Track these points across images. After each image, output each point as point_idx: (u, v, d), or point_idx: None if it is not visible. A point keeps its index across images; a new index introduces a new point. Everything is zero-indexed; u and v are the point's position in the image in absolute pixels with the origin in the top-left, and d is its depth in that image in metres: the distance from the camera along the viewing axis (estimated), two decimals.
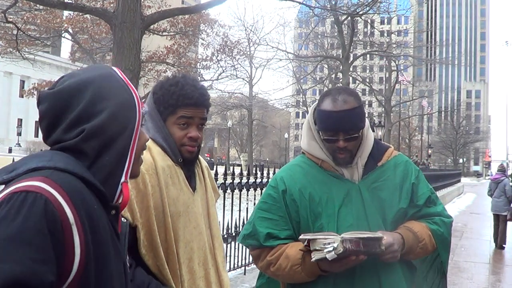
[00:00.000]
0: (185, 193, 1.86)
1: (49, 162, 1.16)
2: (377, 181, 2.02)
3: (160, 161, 1.83)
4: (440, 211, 2.10)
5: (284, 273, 1.96)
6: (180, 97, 1.83)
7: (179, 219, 1.82)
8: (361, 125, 1.97)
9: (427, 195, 2.08)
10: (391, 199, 2.01)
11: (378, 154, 2.08)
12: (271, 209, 2.03)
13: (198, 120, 1.87)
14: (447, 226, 2.09)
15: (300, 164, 2.11)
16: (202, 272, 1.87)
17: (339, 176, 2.02)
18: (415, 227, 1.99)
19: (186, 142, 1.86)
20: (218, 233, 2.01)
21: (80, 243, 1.10)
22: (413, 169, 2.11)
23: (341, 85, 24.80)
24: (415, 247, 1.96)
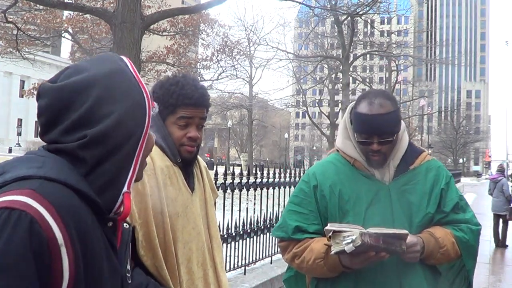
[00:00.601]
0: (183, 193, 1.86)
1: (39, 169, 1.03)
2: (407, 184, 2.04)
3: (159, 162, 1.82)
4: (469, 218, 2.09)
5: (307, 266, 2.00)
6: (180, 96, 1.82)
7: (178, 220, 1.81)
8: (396, 129, 1.99)
9: (455, 201, 2.08)
10: (420, 203, 2.02)
11: (411, 157, 2.09)
12: (302, 203, 2.08)
13: (197, 120, 1.86)
14: (474, 234, 2.07)
15: (333, 161, 2.15)
16: (201, 273, 1.86)
17: (370, 176, 2.05)
18: (438, 233, 2.00)
19: (185, 142, 1.85)
20: (217, 234, 2.00)
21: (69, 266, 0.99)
22: (445, 175, 2.11)
23: (341, 85, 24.85)
24: (435, 252, 1.97)
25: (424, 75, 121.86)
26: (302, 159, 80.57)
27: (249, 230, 4.71)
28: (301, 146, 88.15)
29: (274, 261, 5.23)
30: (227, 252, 4.39)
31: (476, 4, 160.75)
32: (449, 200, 2.06)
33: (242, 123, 53.95)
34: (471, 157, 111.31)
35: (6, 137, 57.83)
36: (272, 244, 5.27)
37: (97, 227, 1.07)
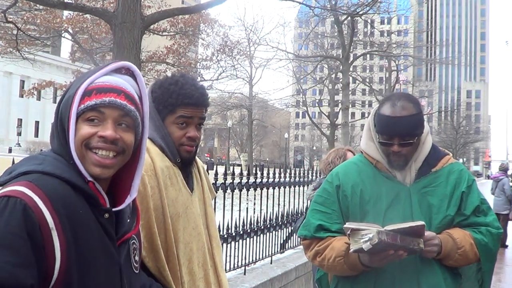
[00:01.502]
0: (183, 194, 1.85)
1: (39, 166, 1.19)
2: (428, 186, 2.06)
3: (159, 162, 1.81)
4: (489, 221, 2.09)
5: (328, 264, 2.05)
6: (180, 96, 1.81)
7: (179, 220, 1.81)
8: (418, 132, 2.03)
9: (476, 204, 2.08)
10: (440, 205, 2.04)
11: (433, 160, 2.11)
12: (325, 202, 2.14)
13: (197, 120, 1.86)
14: (493, 237, 2.07)
15: (356, 162, 2.20)
16: (202, 273, 1.86)
17: (392, 177, 2.08)
18: (456, 234, 2.01)
19: (184, 141, 1.84)
20: (216, 233, 2.00)
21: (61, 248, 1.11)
22: (467, 178, 2.12)
23: (341, 85, 24.84)
24: (453, 253, 1.98)
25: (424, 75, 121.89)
26: (302, 159, 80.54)
27: (249, 230, 4.71)
28: (301, 146, 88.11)
29: (274, 261, 5.23)
30: (227, 252, 4.39)
31: (476, 4, 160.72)
32: (469, 203, 2.07)
33: (242, 123, 53.95)
34: (471, 157, 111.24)
35: (6, 137, 57.81)
36: (272, 244, 5.27)
37: (92, 217, 1.20)
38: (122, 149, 1.26)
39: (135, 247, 1.38)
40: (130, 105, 1.28)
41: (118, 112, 1.26)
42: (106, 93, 1.25)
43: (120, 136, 1.26)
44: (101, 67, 1.32)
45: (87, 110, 1.24)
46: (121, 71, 1.33)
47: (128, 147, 1.28)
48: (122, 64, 1.34)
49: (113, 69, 1.32)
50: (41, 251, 1.09)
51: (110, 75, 1.31)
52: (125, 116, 1.27)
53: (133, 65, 1.36)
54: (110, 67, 1.31)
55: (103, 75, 1.29)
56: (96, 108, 1.24)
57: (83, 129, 1.24)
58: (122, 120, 1.27)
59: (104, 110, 1.25)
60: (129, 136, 1.28)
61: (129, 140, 1.28)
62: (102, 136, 1.23)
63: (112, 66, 1.32)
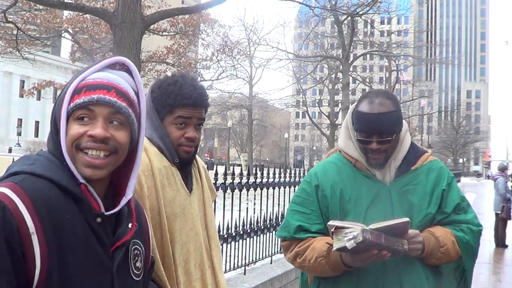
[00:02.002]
0: (181, 194, 1.84)
1: (29, 166, 1.15)
2: (408, 184, 2.04)
3: (157, 162, 1.80)
4: (470, 219, 2.08)
5: (309, 265, 2.01)
6: (178, 96, 1.80)
7: (176, 221, 1.80)
8: (396, 129, 1.99)
9: (456, 202, 2.07)
10: (421, 203, 2.02)
11: (413, 158, 2.09)
12: (304, 203, 2.09)
13: (196, 120, 1.85)
14: (474, 235, 2.06)
15: (335, 162, 2.15)
16: (199, 274, 1.85)
17: (371, 176, 2.05)
18: (438, 232, 2.00)
19: (183, 142, 1.83)
20: (215, 234, 1.98)
21: (41, 253, 1.06)
22: (446, 176, 2.11)
23: (341, 85, 24.84)
24: (436, 251, 1.97)
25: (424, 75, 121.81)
26: (302, 159, 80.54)
27: (249, 230, 4.71)
28: (301, 146, 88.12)
29: (274, 261, 5.23)
30: (227, 252, 4.39)
31: (476, 4, 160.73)
32: (450, 201, 2.06)
33: (242, 123, 53.95)
34: (471, 157, 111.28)
35: (6, 137, 57.82)
36: (272, 244, 5.27)
37: (81, 222, 1.14)
38: (114, 148, 1.20)
39: (137, 253, 1.32)
40: (121, 101, 1.21)
41: (108, 110, 1.19)
42: (96, 90, 1.19)
43: (111, 134, 1.19)
44: (95, 63, 1.27)
45: (77, 108, 1.19)
46: (115, 66, 1.28)
47: (121, 145, 1.21)
48: (117, 60, 1.28)
49: (106, 64, 1.26)
50: (19, 256, 1.04)
51: (104, 71, 1.25)
52: (117, 113, 1.20)
53: (128, 60, 1.30)
54: (104, 63, 1.26)
55: (95, 72, 1.24)
56: (85, 106, 1.18)
57: (72, 129, 1.18)
58: (114, 118, 1.20)
59: (93, 108, 1.19)
60: (121, 134, 1.21)
61: (121, 138, 1.21)
62: (92, 136, 1.17)
63: (106, 62, 1.26)
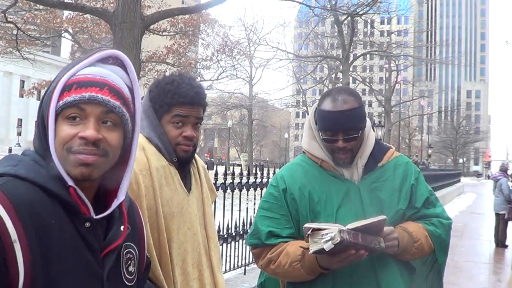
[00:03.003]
0: (179, 193, 1.84)
1: (13, 168, 1.09)
2: (376, 181, 2.01)
3: (154, 162, 1.80)
4: (439, 212, 2.08)
5: (283, 271, 1.95)
6: (175, 95, 1.80)
7: (173, 220, 1.79)
8: (361, 125, 1.96)
9: (425, 196, 2.07)
10: (390, 200, 2.00)
11: (378, 155, 2.07)
12: (273, 207, 2.04)
13: (193, 119, 1.84)
14: (445, 228, 2.07)
15: (300, 163, 2.11)
16: (196, 274, 1.84)
17: (339, 175, 2.02)
18: (411, 228, 1.98)
19: (181, 141, 1.83)
20: (214, 234, 1.97)
21: (25, 261, 1.01)
22: (413, 171, 2.10)
23: (341, 85, 24.83)
24: (410, 247, 1.95)
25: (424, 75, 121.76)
26: None
27: (249, 230, 4.70)
28: (301, 146, 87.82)
29: None
30: (227, 252, 4.39)
31: (476, 4, 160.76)
32: (419, 195, 2.05)
33: (242, 123, 53.96)
34: (471, 157, 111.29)
35: (6, 137, 57.82)
36: None
37: (68, 227, 1.08)
38: (105, 151, 1.12)
39: (130, 257, 1.26)
40: (114, 100, 1.13)
41: (100, 109, 1.11)
42: (87, 87, 1.11)
43: (104, 136, 1.11)
44: (86, 56, 1.17)
45: (66, 107, 1.11)
46: (108, 60, 1.19)
47: (112, 148, 1.13)
48: (110, 53, 1.19)
49: (98, 58, 1.17)
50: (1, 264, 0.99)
51: (95, 65, 1.16)
52: (110, 113, 1.12)
53: (122, 53, 1.21)
54: (96, 57, 1.17)
55: (86, 66, 1.15)
56: (76, 104, 1.10)
57: (63, 130, 1.11)
58: (107, 118, 1.12)
59: (84, 107, 1.10)
60: (114, 136, 1.14)
61: (114, 140, 1.14)
62: (83, 137, 1.09)
63: (98, 56, 1.17)
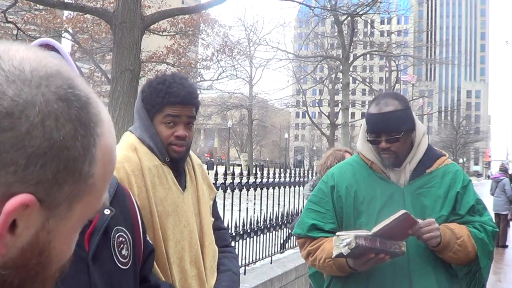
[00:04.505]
0: (173, 192, 1.84)
1: None
2: (422, 187, 2.07)
3: (146, 162, 1.81)
4: (485, 221, 2.09)
5: (319, 264, 2.10)
6: (166, 95, 1.80)
7: (168, 219, 1.80)
8: (403, 127, 2.03)
9: (471, 204, 2.09)
10: (433, 206, 2.05)
11: (429, 161, 2.12)
12: (320, 202, 2.17)
13: (185, 119, 1.84)
14: (488, 234, 2.07)
15: (352, 163, 2.23)
16: (194, 271, 1.83)
17: (386, 178, 2.10)
18: (453, 225, 2.02)
19: (173, 141, 1.83)
20: (209, 231, 1.95)
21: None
22: (462, 179, 2.13)
23: (341, 85, 24.85)
24: (452, 243, 1.97)
25: (424, 75, 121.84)
26: (302, 159, 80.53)
27: (249, 230, 4.71)
28: (301, 146, 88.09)
29: (274, 261, 5.23)
30: None
31: (476, 4, 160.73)
32: (465, 203, 2.08)
33: (242, 123, 53.96)
34: (471, 157, 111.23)
35: None
36: (272, 244, 5.27)
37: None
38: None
39: (122, 240, 1.30)
40: None
41: None
42: None
43: None
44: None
45: None
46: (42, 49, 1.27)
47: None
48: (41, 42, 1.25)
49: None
50: None
51: None
52: None
53: (52, 40, 1.27)
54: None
55: None
56: None
57: None
58: None
59: None
60: None
61: None
62: None
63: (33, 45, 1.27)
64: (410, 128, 2.07)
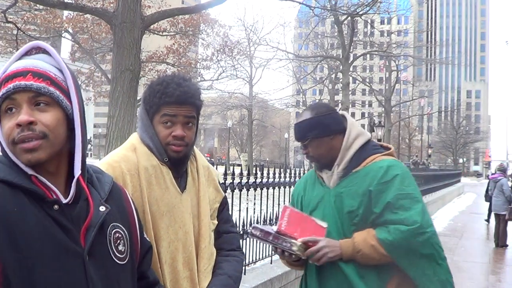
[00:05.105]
0: (170, 192, 1.83)
1: None
2: (345, 187, 2.18)
3: (144, 161, 1.82)
4: (404, 218, 2.06)
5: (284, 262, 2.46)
6: (163, 95, 1.82)
7: (162, 219, 1.79)
8: (308, 134, 2.22)
9: (387, 201, 2.08)
10: (352, 205, 2.14)
11: (357, 162, 2.20)
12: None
13: (182, 119, 1.84)
14: (402, 234, 2.05)
15: (311, 171, 2.46)
16: (187, 272, 1.82)
17: (321, 181, 2.29)
18: (358, 237, 2.12)
19: (170, 141, 1.83)
20: (206, 234, 1.92)
21: None
22: (381, 175, 2.13)
23: (341, 84, 24.85)
24: (355, 255, 2.10)
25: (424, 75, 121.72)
26: (302, 159, 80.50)
27: (249, 230, 4.71)
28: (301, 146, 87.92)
29: (274, 261, 5.23)
30: None
31: (476, 4, 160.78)
32: (381, 200, 2.09)
33: (242, 123, 53.95)
34: (471, 157, 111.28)
35: None
36: None
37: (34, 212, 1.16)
38: (43, 133, 1.20)
39: (118, 236, 1.33)
40: (39, 82, 1.22)
41: (27, 94, 1.21)
42: (13, 79, 1.22)
43: (37, 118, 1.20)
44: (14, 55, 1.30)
45: (1, 102, 1.22)
46: (32, 52, 1.30)
47: (49, 128, 1.21)
48: (31, 45, 1.31)
49: (23, 53, 1.29)
50: None
51: (22, 59, 1.27)
52: (39, 96, 1.21)
53: (42, 42, 1.33)
54: (20, 52, 1.29)
55: (13, 62, 1.27)
56: (7, 97, 1.21)
57: (4, 125, 1.22)
58: (38, 100, 1.21)
59: (15, 97, 1.21)
60: (48, 115, 1.22)
61: (48, 120, 1.21)
62: (18, 124, 1.18)
63: (22, 50, 1.29)
64: (320, 134, 2.21)
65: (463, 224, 15.10)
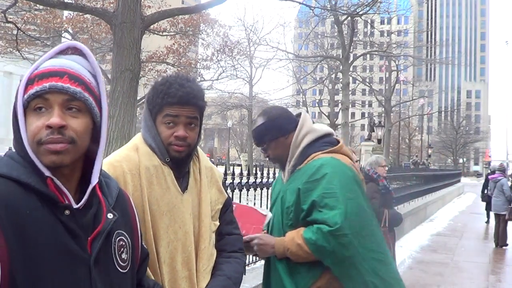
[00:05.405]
0: (171, 192, 1.83)
1: None
2: (290, 184, 2.33)
3: (145, 161, 1.82)
4: (327, 218, 2.11)
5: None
6: (165, 95, 1.82)
7: (162, 218, 1.80)
8: (265, 138, 2.36)
9: (312, 199, 2.16)
10: (289, 201, 2.28)
11: (301, 160, 2.33)
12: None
13: (184, 119, 1.84)
14: (324, 235, 2.10)
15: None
16: (186, 272, 1.82)
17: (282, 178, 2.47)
18: (288, 236, 2.26)
19: (172, 141, 1.83)
20: (206, 234, 1.92)
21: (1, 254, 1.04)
22: (311, 173, 2.23)
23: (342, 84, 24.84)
24: (286, 253, 2.24)
25: (424, 75, 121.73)
26: None
27: None
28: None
29: None
30: None
31: (476, 4, 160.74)
32: (308, 198, 2.19)
33: (242, 123, 53.91)
34: (471, 157, 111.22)
35: (6, 137, 57.79)
36: None
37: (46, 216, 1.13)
38: (71, 138, 1.16)
39: (122, 244, 1.31)
40: (75, 86, 1.18)
41: (62, 97, 1.16)
42: (48, 78, 1.17)
43: (68, 123, 1.16)
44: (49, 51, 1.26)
45: (31, 99, 1.17)
46: (67, 52, 1.26)
47: (78, 134, 1.18)
48: (68, 44, 1.26)
49: (58, 51, 1.25)
50: None
51: (56, 58, 1.23)
52: (73, 100, 1.18)
53: (80, 43, 1.28)
54: (56, 49, 1.25)
55: (48, 59, 1.22)
56: (39, 95, 1.16)
57: (31, 123, 1.17)
58: (71, 104, 1.17)
59: (47, 97, 1.16)
60: (78, 122, 1.18)
61: (78, 126, 1.18)
62: (48, 126, 1.14)
63: (57, 48, 1.25)
64: (274, 136, 2.35)
65: (463, 224, 15.11)
